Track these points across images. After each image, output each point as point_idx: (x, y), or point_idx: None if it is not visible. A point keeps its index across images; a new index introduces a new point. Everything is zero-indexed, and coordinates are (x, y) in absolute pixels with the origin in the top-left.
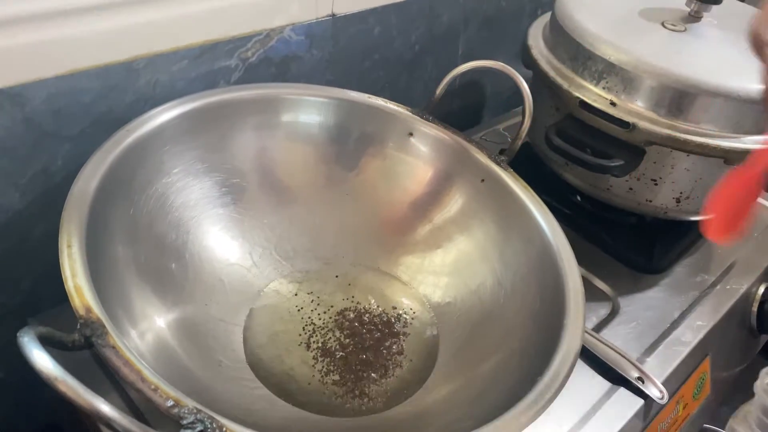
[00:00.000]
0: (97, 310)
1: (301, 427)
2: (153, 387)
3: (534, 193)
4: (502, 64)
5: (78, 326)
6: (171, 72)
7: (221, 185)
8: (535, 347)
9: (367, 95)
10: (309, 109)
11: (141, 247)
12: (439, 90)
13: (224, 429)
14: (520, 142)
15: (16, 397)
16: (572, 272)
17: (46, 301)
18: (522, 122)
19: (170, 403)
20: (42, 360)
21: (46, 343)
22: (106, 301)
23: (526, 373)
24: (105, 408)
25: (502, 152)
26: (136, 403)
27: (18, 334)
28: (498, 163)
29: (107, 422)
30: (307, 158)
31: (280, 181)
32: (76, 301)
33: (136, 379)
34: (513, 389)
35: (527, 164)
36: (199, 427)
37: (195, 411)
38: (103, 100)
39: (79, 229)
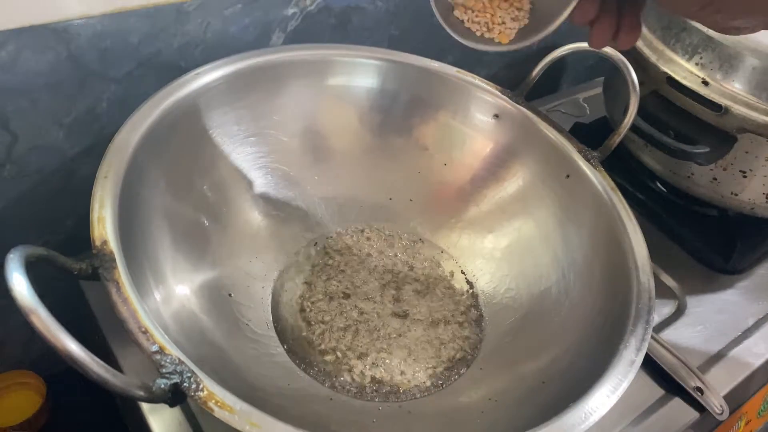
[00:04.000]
0: (114, 245)
1: (312, 403)
2: (143, 329)
3: (621, 195)
4: (614, 51)
5: (90, 256)
6: (223, 16)
7: (263, 147)
8: (591, 350)
9: (454, 68)
10: (364, 72)
11: (178, 200)
12: (536, 71)
13: (201, 385)
14: (618, 139)
15: None
16: (646, 279)
17: (90, 242)
18: (623, 119)
19: (155, 348)
20: (19, 284)
21: (48, 265)
22: (133, 251)
23: (576, 379)
24: (72, 346)
25: (594, 148)
26: None
27: (9, 253)
28: (588, 160)
29: (75, 363)
30: (356, 122)
31: (327, 145)
32: (95, 232)
33: (129, 317)
34: (559, 398)
35: (600, 139)
36: (176, 379)
37: (177, 362)
38: (151, 42)
39: (119, 167)
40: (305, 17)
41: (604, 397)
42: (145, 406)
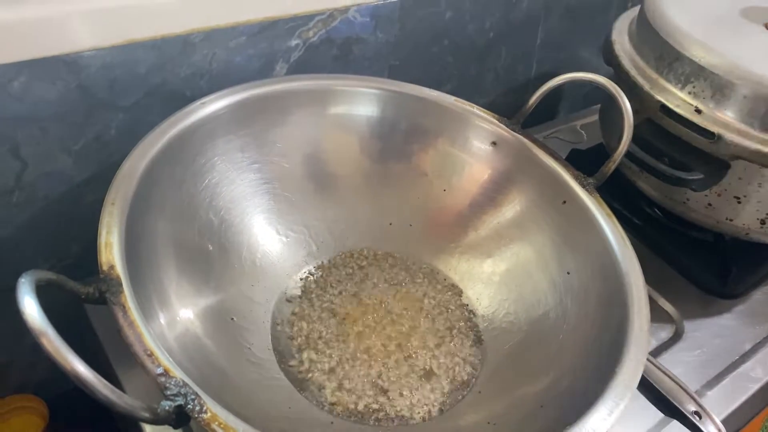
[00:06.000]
0: (120, 270)
1: (314, 427)
2: (149, 352)
3: (616, 221)
4: (608, 80)
5: (97, 281)
6: (228, 48)
7: (266, 173)
8: (588, 374)
9: (452, 97)
10: (364, 102)
11: (183, 226)
12: (533, 100)
13: (205, 407)
14: (613, 166)
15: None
16: (641, 305)
17: (94, 267)
18: (618, 146)
19: (160, 370)
20: (30, 308)
21: (57, 289)
22: (139, 275)
23: (573, 403)
24: (81, 368)
25: (590, 174)
26: None
27: (21, 277)
28: (584, 187)
29: (83, 384)
30: (357, 149)
31: (329, 172)
32: (102, 257)
33: (134, 341)
34: (556, 421)
35: (597, 165)
36: (180, 401)
37: (181, 384)
38: (158, 72)
39: (126, 194)
40: (308, 48)
41: (601, 421)
42: (148, 428)
